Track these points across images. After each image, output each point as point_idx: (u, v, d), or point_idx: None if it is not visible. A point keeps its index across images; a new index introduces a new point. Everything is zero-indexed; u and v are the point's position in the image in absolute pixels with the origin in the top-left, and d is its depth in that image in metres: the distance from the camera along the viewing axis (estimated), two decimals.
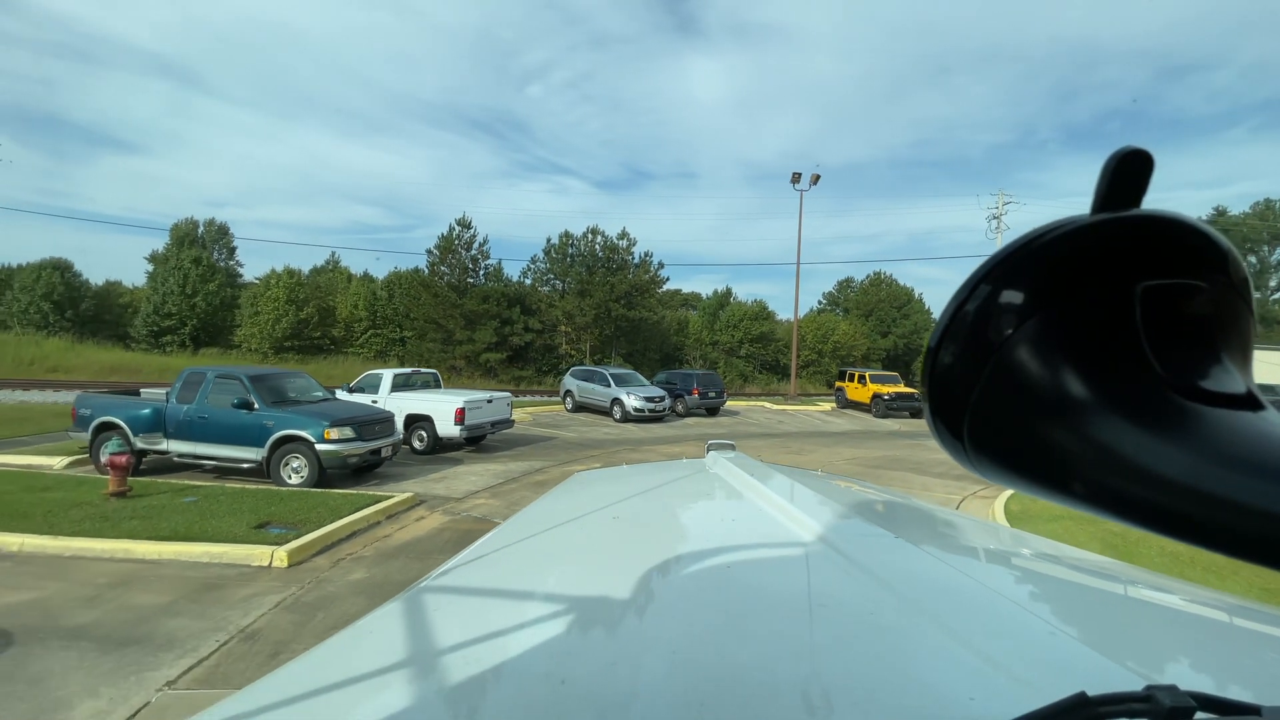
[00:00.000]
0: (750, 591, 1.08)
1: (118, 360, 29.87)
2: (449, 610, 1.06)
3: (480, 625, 0.98)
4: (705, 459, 2.41)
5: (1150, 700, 0.51)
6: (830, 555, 1.21)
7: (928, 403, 0.36)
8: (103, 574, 5.29)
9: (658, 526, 1.64)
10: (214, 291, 34.36)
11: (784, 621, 0.95)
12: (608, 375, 19.47)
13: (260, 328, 33.04)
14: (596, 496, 2.01)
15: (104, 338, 33.65)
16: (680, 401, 20.34)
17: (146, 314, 33.90)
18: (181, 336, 33.40)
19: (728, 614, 0.98)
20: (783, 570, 1.22)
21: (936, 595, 1.01)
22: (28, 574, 5.27)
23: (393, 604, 1.10)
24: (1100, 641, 0.88)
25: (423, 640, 0.94)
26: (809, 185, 29.62)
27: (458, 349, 32.59)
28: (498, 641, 0.91)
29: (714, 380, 22.01)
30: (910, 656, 0.85)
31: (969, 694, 0.72)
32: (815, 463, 12.25)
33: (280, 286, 33.57)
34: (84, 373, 27.23)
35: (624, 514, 1.74)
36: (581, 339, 34.21)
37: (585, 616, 1.00)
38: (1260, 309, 11.56)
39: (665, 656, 0.84)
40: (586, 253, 34.94)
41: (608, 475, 2.49)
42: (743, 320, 38.33)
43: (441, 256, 33.76)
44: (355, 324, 35.85)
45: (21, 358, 28.35)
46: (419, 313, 33.38)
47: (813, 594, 1.04)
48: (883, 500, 2.12)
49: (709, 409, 21.11)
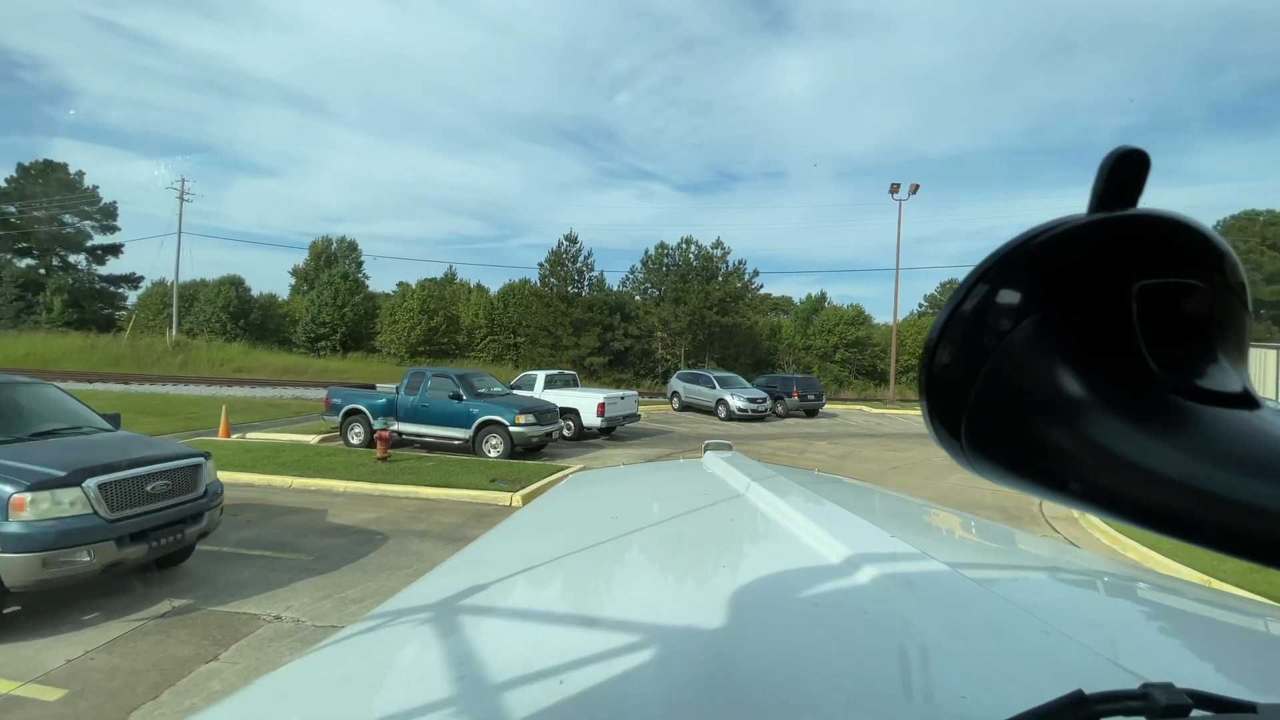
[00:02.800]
0: (745, 590, 1.08)
1: (287, 362, 35.16)
2: (445, 611, 1.05)
3: (477, 625, 0.99)
4: (703, 459, 2.39)
5: (1146, 698, 0.51)
6: (825, 554, 1.21)
7: (925, 403, 0.36)
8: (409, 505, 7.81)
9: (655, 526, 1.65)
10: (359, 303, 39.46)
11: (778, 620, 0.95)
12: (712, 378, 21.32)
13: (398, 334, 37.64)
14: (594, 497, 2.01)
15: (270, 343, 39.54)
16: (780, 403, 21.82)
17: (305, 323, 39.45)
18: (333, 342, 38.63)
19: (723, 613, 0.98)
20: (778, 569, 1.22)
21: (930, 592, 1.00)
22: (360, 504, 7.86)
23: (390, 605, 1.12)
24: (1096, 640, 0.86)
25: (420, 641, 0.95)
26: (908, 195, 30.13)
27: (565, 353, 35.58)
28: (494, 641, 0.92)
29: (813, 384, 23.33)
30: (905, 655, 0.85)
31: (963, 692, 0.72)
32: (913, 460, 13.44)
33: (415, 298, 38.11)
34: (262, 372, 32.40)
35: (621, 514, 1.76)
36: (677, 344, 36.25)
37: (582, 616, 1.01)
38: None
39: (661, 655, 0.84)
40: (681, 262, 37.00)
41: (605, 476, 2.48)
42: (838, 325, 38.78)
43: (551, 269, 37.00)
44: (476, 331, 39.85)
45: (214, 359, 34.14)
46: (531, 320, 36.75)
47: (807, 593, 1.05)
48: (879, 499, 2.13)
49: (808, 411, 22.45)
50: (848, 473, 11.44)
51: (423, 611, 1.05)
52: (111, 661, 3.85)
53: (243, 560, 5.68)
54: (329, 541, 6.33)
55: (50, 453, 4.50)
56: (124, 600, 4.68)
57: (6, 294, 39.82)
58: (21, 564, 3.92)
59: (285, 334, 41.44)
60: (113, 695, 3.48)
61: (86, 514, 4.18)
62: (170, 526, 4.70)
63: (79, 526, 4.12)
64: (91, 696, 3.47)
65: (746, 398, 20.00)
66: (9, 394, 5.07)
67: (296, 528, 6.76)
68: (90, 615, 4.41)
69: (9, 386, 5.16)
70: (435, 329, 38.45)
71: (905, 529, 1.42)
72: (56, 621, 4.28)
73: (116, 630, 4.22)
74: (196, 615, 4.53)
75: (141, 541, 4.45)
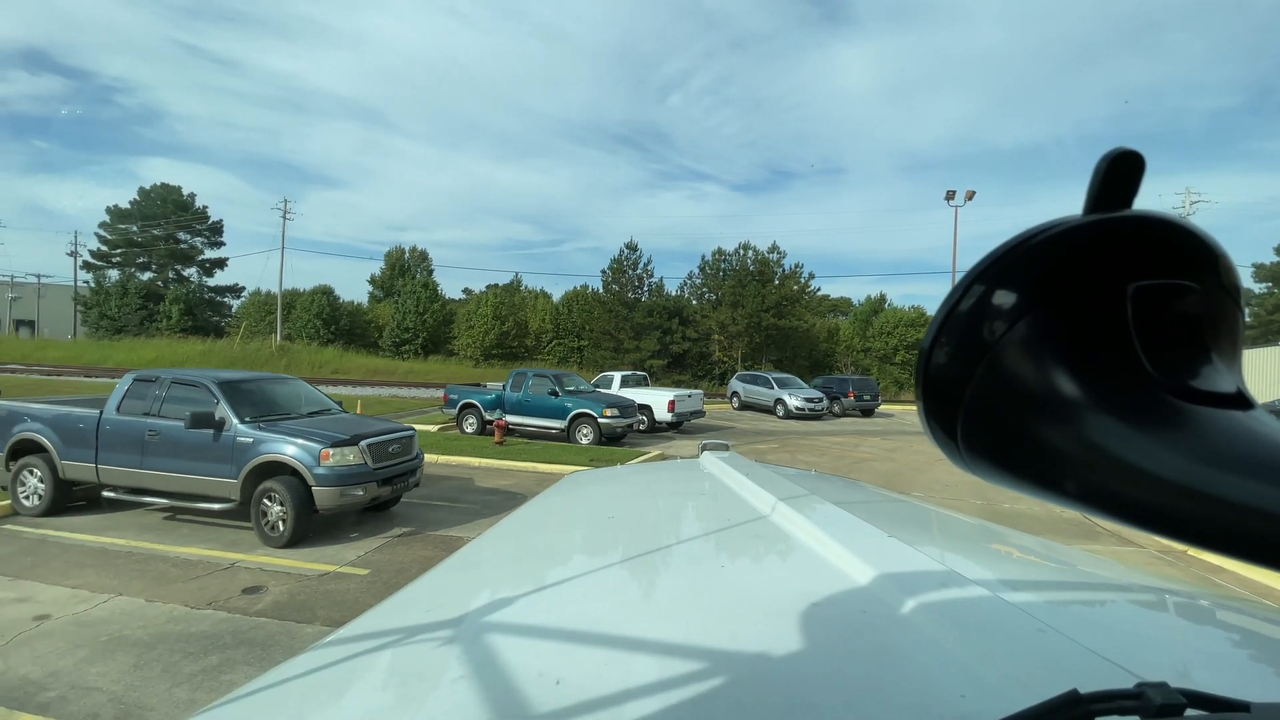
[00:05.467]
0: (742, 590, 1.09)
1: (376, 365, 38.67)
2: (443, 610, 1.06)
3: (474, 625, 0.99)
4: (700, 459, 2.40)
5: (1141, 697, 0.51)
6: (821, 552, 1.21)
7: (921, 403, 0.36)
8: (530, 476, 9.86)
9: (652, 526, 1.65)
10: (438, 310, 42.79)
11: (775, 619, 0.94)
12: (770, 379, 22.81)
13: (474, 338, 40.67)
14: (591, 497, 2.03)
15: (358, 347, 43.36)
16: (836, 403, 23.08)
17: (391, 328, 43.06)
18: (415, 346, 42.05)
19: (720, 612, 0.99)
20: (774, 568, 1.23)
21: (927, 592, 0.99)
22: (494, 475, 9.96)
23: (388, 604, 1.13)
24: (1092, 639, 0.85)
25: (417, 640, 0.96)
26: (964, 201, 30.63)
27: (626, 356, 37.57)
28: (492, 641, 0.92)
29: (869, 385, 24.47)
30: (901, 654, 0.85)
31: (960, 691, 0.72)
32: None
33: (488, 305, 41.07)
34: (355, 373, 35.85)
35: (619, 514, 1.77)
36: (734, 346, 37.67)
37: (579, 616, 1.01)
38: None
39: (660, 654, 0.85)
40: (738, 266, 38.39)
41: (602, 476, 2.50)
42: (897, 327, 38.88)
43: (613, 276, 39.17)
44: (543, 335, 42.48)
45: (313, 362, 37.90)
46: (595, 325, 39.00)
47: (803, 591, 1.04)
48: (875, 497, 2.13)
49: (864, 410, 23.60)
50: (900, 462, 12.83)
51: (420, 611, 1.08)
52: (385, 557, 5.93)
53: (431, 508, 7.80)
54: (484, 497, 8.42)
55: (329, 424, 6.77)
56: (369, 528, 6.82)
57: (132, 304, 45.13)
58: (328, 493, 6.07)
59: (371, 338, 45.27)
60: (398, 572, 5.52)
61: (360, 464, 6.32)
62: (403, 475, 6.91)
63: (358, 471, 6.27)
64: (384, 573, 5.53)
65: (804, 397, 21.39)
66: (290, 387, 7.58)
67: (456, 489, 8.90)
68: (354, 535, 6.56)
69: (289, 382, 7.69)
70: (506, 333, 41.31)
71: (901, 529, 1.43)
72: (336, 539, 6.43)
73: (376, 543, 6.33)
74: (421, 536, 6.61)
75: (388, 484, 6.64)
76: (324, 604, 4.84)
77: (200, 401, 6.45)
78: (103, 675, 3.72)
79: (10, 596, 4.81)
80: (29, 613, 4.53)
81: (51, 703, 3.44)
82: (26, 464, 6.85)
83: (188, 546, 6.05)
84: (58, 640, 4.13)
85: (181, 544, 6.11)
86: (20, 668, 3.78)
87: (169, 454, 6.37)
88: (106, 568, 5.46)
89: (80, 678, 3.69)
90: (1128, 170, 0.31)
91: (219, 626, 4.40)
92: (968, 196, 30.56)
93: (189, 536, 6.35)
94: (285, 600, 4.90)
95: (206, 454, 6.26)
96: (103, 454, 6.58)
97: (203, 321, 46.49)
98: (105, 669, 3.79)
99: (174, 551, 5.91)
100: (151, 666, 3.83)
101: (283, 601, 4.87)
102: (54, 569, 5.39)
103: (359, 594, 5.07)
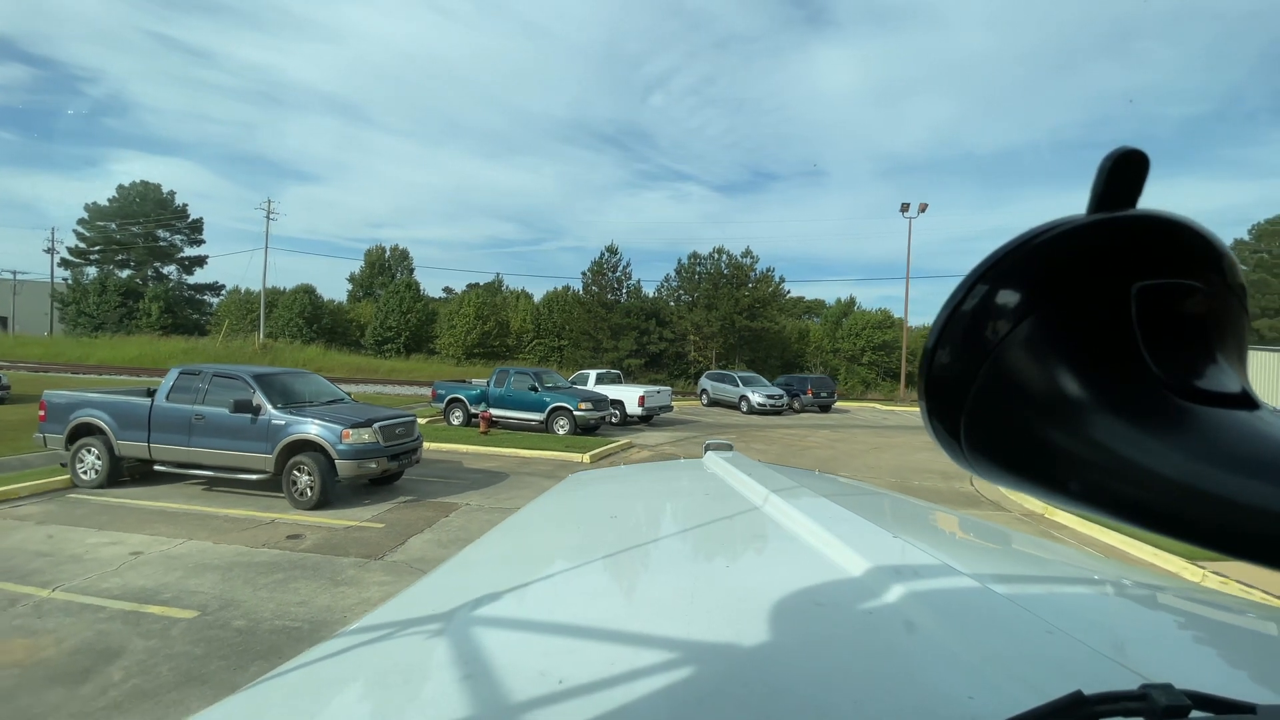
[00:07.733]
0: (747, 589, 1.08)
1: (358, 363, 39.56)
2: (445, 610, 1.06)
3: (477, 625, 0.99)
4: (703, 459, 2.41)
5: (1146, 699, 0.51)
6: (829, 554, 1.20)
7: (924, 403, 0.36)
8: (513, 459, 11.31)
9: (655, 526, 1.66)
10: (420, 309, 43.78)
11: (781, 619, 0.94)
12: (736, 377, 24.47)
13: (455, 338, 41.76)
14: (594, 496, 2.04)
15: (340, 345, 44.14)
16: (796, 399, 24.82)
17: (374, 327, 43.93)
18: (398, 345, 42.99)
19: (726, 612, 0.99)
20: (779, 567, 1.22)
21: (932, 592, 0.99)
22: (481, 459, 11.37)
23: (392, 604, 1.14)
24: (1097, 640, 0.85)
25: (420, 640, 0.96)
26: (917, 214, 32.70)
27: (604, 355, 39.02)
28: (495, 640, 0.92)
29: (826, 383, 26.29)
30: (907, 654, 0.84)
31: (967, 692, 0.72)
32: (894, 444, 16.33)
33: (470, 305, 42.20)
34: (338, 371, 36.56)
35: (621, 513, 1.78)
36: (708, 347, 39.32)
37: (583, 615, 1.01)
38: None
39: (664, 653, 0.85)
40: (713, 270, 40.06)
41: (605, 475, 2.50)
42: (865, 329, 40.32)
43: (594, 277, 40.61)
44: (524, 334, 43.72)
45: (296, 360, 38.59)
46: (574, 325, 40.40)
47: (810, 591, 1.04)
48: (876, 497, 2.14)
49: (821, 406, 25.40)
50: (839, 450, 14.49)
51: (423, 611, 1.09)
52: (395, 516, 7.35)
53: (427, 482, 9.21)
54: (473, 475, 9.86)
55: (345, 410, 8.24)
56: (378, 496, 8.23)
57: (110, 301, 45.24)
58: (348, 465, 7.52)
59: (353, 337, 46.04)
60: (407, 526, 6.95)
61: (374, 442, 7.78)
62: (407, 453, 8.37)
63: (372, 448, 7.73)
64: (396, 527, 6.95)
65: (766, 394, 23.08)
66: (308, 380, 9.08)
67: (448, 469, 10.31)
68: (366, 501, 7.96)
69: (307, 376, 9.19)
70: (488, 333, 42.49)
71: (906, 529, 1.39)
72: (352, 504, 7.82)
73: (385, 507, 7.74)
74: (422, 502, 8.04)
75: (395, 460, 8.08)
76: (353, 545, 6.26)
77: (239, 390, 7.80)
78: (200, 584, 5.12)
79: (104, 540, 6.15)
80: (124, 550, 5.88)
81: (170, 600, 4.82)
82: (84, 444, 8.12)
83: (231, 509, 7.41)
84: (156, 566, 5.50)
85: (225, 507, 7.46)
86: (136, 582, 5.14)
87: (214, 434, 7.71)
88: (172, 522, 6.80)
89: (184, 587, 5.07)
90: (1132, 170, 0.31)
91: (276, 558, 5.80)
92: (921, 209, 32.63)
93: (230, 502, 7.70)
94: (322, 542, 6.31)
95: (246, 434, 7.61)
96: (155, 434, 7.89)
97: (182, 319, 46.79)
98: (200, 582, 5.18)
99: (221, 512, 7.27)
100: (234, 580, 5.23)
101: (320, 543, 6.28)
102: (129, 523, 6.72)
103: (379, 539, 6.49)
